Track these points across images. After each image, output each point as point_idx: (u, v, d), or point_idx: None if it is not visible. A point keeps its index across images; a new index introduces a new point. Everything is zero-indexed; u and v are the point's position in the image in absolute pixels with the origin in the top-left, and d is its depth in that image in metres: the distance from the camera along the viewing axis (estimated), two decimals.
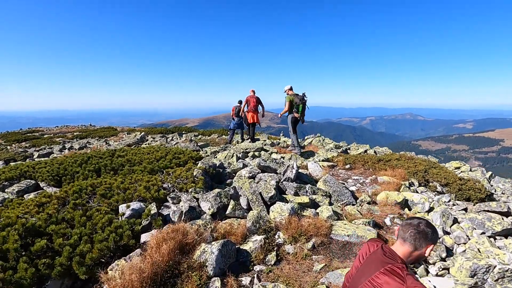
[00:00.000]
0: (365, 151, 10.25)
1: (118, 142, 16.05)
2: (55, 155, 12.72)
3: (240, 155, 8.61)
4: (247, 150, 9.28)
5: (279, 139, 17.43)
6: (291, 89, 8.21)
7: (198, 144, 9.94)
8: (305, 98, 7.96)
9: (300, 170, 5.36)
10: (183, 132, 19.84)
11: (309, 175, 5.50)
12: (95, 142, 19.04)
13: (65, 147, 14.80)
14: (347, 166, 6.45)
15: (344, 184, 5.20)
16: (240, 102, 11.72)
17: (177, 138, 16.46)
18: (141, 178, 4.48)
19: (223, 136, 17.61)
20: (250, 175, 4.93)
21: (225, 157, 8.18)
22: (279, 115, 8.59)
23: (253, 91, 10.68)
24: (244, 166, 5.84)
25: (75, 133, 26.33)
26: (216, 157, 8.39)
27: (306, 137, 15.32)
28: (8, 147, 19.05)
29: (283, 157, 8.43)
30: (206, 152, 8.74)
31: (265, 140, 12.11)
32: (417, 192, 5.19)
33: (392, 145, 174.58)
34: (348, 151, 9.97)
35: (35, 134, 28.08)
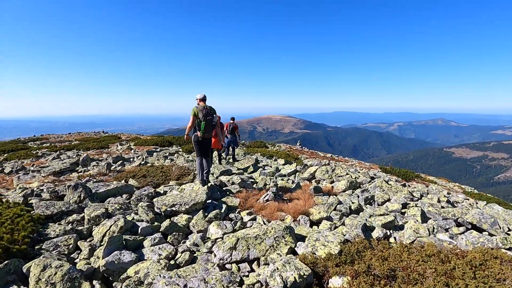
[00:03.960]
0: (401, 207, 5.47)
1: (73, 158, 12.17)
2: None
3: (131, 239, 4.22)
4: (173, 209, 4.90)
5: (273, 161, 12.82)
6: (202, 99, 6.23)
7: (97, 193, 5.63)
8: (211, 115, 6.10)
9: None
10: (153, 151, 15.88)
11: None
12: (61, 155, 15.50)
13: None
14: None
15: None
16: (233, 118, 11.54)
17: (142, 158, 12.42)
18: None
19: (183, 159, 12.48)
20: None
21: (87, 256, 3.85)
22: (185, 136, 6.41)
23: (219, 117, 9.50)
24: None
25: (73, 143, 23.61)
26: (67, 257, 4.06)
27: (308, 163, 10.63)
28: None
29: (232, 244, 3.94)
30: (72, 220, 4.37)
31: (230, 176, 7.64)
32: None
33: (421, 152, 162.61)
34: (374, 204, 5.23)
35: (36, 143, 25.52)
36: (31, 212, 4.39)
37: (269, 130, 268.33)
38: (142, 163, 11.24)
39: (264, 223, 4.73)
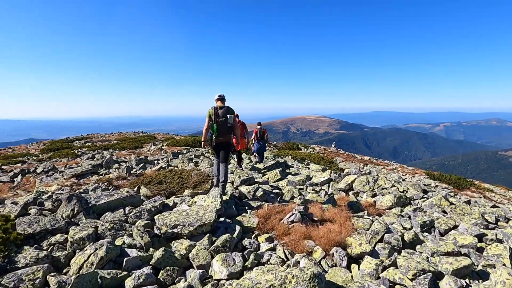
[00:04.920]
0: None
1: (92, 163, 12.02)
2: None
3: (109, 276, 3.34)
4: (174, 231, 3.98)
5: (305, 165, 11.57)
6: (220, 99, 5.51)
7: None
8: (224, 116, 5.28)
9: None
10: (179, 153, 15.40)
11: None
12: (98, 155, 15.66)
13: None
14: None
15: None
16: (260, 124, 11.20)
17: (166, 161, 11.92)
18: None
19: (207, 163, 11.26)
20: None
21: None
22: (202, 140, 5.76)
23: (237, 115, 8.90)
24: None
25: (112, 142, 24.67)
26: None
27: (345, 172, 9.23)
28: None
29: None
30: None
31: (252, 186, 6.51)
32: None
33: (471, 155, 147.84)
34: (434, 231, 3.80)
35: (80, 142, 26.99)
36: (9, 231, 3.73)
37: (303, 130, 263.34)
38: (164, 166, 10.66)
39: (286, 257, 3.62)
